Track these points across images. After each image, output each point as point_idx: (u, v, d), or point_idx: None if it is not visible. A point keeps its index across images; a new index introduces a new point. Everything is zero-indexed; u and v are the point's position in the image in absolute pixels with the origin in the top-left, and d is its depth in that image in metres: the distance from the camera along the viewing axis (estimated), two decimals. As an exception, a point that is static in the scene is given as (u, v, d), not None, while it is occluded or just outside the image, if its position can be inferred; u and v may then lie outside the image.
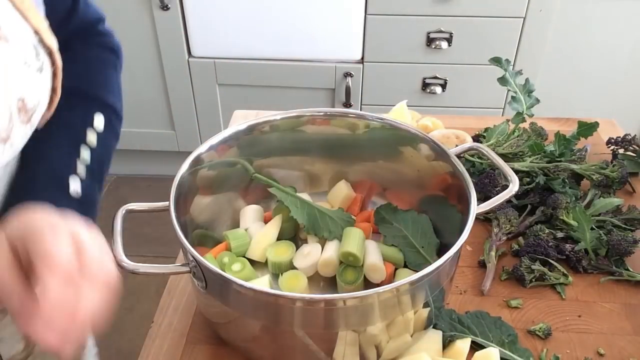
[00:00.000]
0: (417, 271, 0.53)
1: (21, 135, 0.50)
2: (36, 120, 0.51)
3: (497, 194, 0.69)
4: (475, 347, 0.64)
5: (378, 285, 0.68)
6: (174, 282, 0.75)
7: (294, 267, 0.69)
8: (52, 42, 0.52)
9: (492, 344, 0.64)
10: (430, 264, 0.54)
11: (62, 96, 0.54)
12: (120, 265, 0.55)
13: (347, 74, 1.84)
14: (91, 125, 0.59)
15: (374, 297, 0.53)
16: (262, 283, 0.65)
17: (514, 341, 0.65)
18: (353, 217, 0.74)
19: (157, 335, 0.68)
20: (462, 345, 0.62)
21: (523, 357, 0.63)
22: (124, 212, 0.61)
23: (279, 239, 0.73)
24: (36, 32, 0.50)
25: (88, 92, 0.62)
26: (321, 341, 0.56)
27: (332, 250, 0.69)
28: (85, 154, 0.57)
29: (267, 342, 0.59)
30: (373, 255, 0.68)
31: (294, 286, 0.66)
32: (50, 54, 0.52)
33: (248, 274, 0.68)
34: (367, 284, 0.68)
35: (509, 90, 0.92)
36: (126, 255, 0.56)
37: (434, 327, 0.64)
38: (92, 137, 0.59)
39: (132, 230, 0.60)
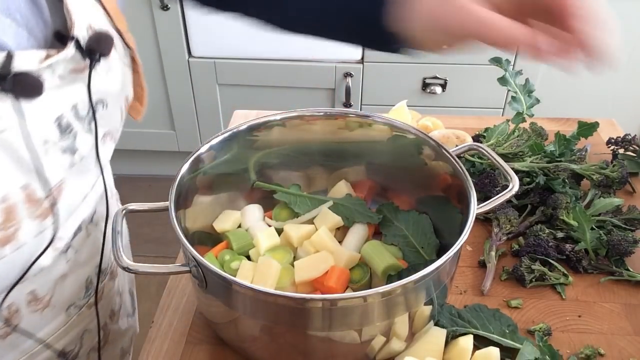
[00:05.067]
0: (417, 271, 0.53)
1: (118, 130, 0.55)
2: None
3: (497, 194, 0.69)
4: (476, 343, 0.64)
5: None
6: (174, 282, 0.75)
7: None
8: (132, 41, 0.54)
9: (494, 335, 0.64)
10: (430, 264, 0.54)
11: None
12: (120, 266, 0.55)
13: (347, 74, 1.84)
14: None
15: (374, 297, 0.53)
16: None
17: (515, 331, 0.65)
18: (362, 200, 0.75)
19: (157, 335, 0.68)
20: (466, 342, 0.62)
21: (526, 345, 0.62)
22: (124, 212, 0.61)
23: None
24: (119, 33, 0.52)
25: None
26: (321, 341, 0.56)
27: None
28: None
29: (267, 342, 0.59)
30: None
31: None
32: (131, 54, 0.54)
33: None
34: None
35: (509, 90, 0.92)
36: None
37: (435, 324, 0.64)
38: None
39: (132, 230, 0.60)
